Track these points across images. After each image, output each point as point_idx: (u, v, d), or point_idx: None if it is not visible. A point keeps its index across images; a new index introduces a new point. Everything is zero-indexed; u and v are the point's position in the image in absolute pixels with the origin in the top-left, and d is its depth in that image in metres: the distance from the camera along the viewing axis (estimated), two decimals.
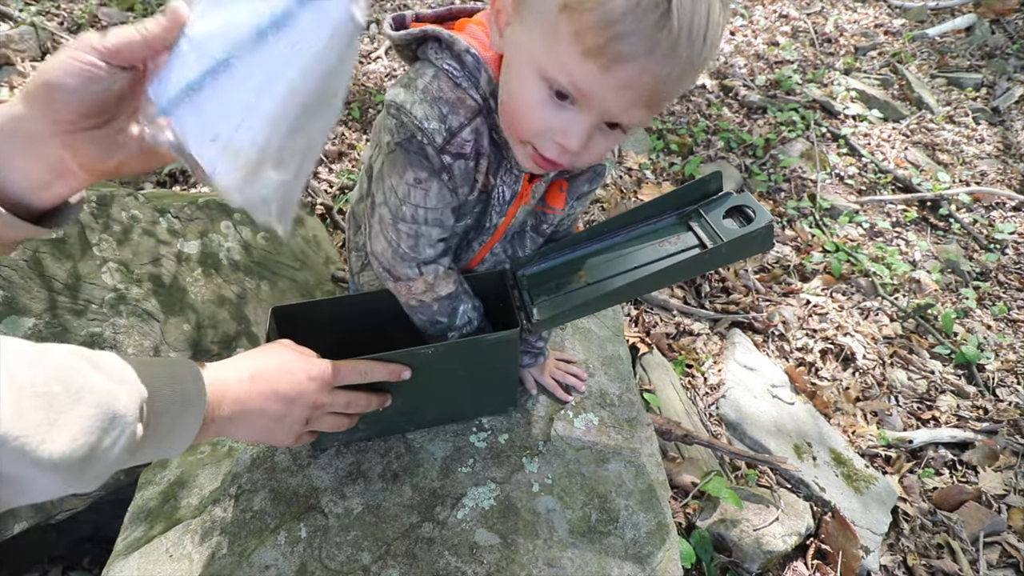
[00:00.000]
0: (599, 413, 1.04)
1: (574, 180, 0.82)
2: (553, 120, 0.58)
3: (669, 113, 3.07)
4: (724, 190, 0.83)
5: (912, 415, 1.89)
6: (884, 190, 2.76)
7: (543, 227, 0.88)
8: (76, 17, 2.93)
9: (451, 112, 0.64)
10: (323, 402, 0.73)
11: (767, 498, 1.42)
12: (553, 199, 0.82)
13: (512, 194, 0.76)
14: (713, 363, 1.90)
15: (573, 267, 0.88)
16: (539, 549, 0.85)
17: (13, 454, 0.35)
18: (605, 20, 0.48)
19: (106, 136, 0.50)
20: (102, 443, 0.41)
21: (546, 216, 0.86)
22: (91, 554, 1.25)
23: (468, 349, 0.83)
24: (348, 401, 0.77)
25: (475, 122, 0.65)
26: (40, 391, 0.38)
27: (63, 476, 0.39)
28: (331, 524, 0.86)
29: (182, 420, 0.53)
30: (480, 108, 0.66)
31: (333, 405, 0.75)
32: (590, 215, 2.45)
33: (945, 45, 3.79)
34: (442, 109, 0.63)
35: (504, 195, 0.75)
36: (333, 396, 0.74)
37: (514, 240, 0.92)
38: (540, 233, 0.90)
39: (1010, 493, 1.65)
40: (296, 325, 0.80)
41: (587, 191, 0.86)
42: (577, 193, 0.85)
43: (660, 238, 0.85)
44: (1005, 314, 2.25)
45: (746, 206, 0.79)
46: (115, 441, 0.43)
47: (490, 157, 0.69)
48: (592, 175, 0.82)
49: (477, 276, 0.90)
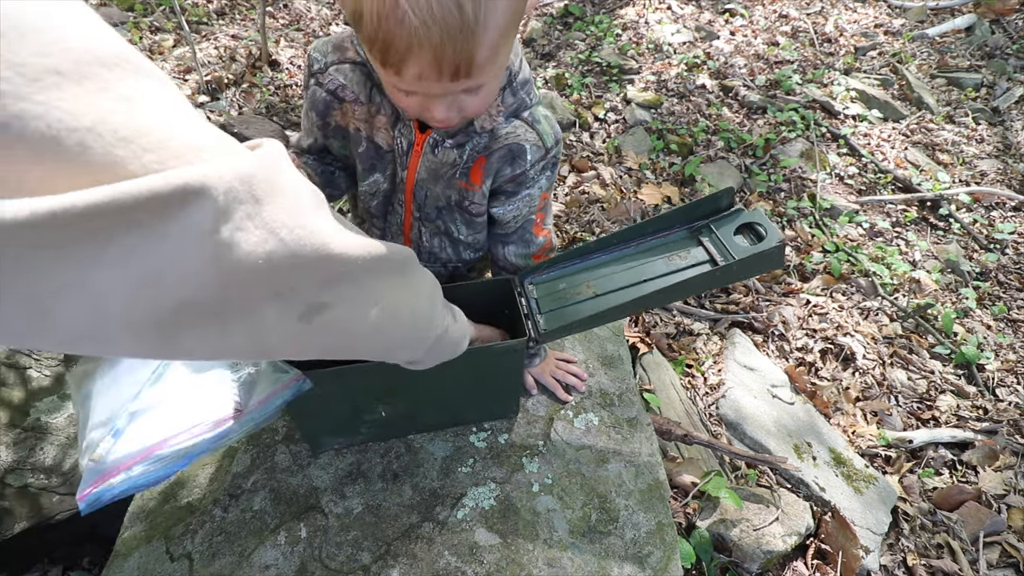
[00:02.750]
0: (599, 413, 1.04)
1: (490, 156, 0.83)
2: (413, 102, 0.66)
3: (669, 113, 3.07)
4: (736, 206, 0.83)
5: (912, 415, 1.89)
6: (884, 190, 2.76)
7: (466, 204, 0.89)
8: None
9: (332, 52, 0.80)
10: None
11: (767, 498, 1.42)
12: (474, 175, 0.85)
13: (408, 144, 0.83)
14: (713, 363, 1.90)
15: (581, 277, 0.87)
16: (539, 549, 0.85)
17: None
18: (372, 33, 0.55)
19: None
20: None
21: (468, 193, 0.87)
22: (91, 554, 1.25)
23: (473, 358, 0.82)
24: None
25: (344, 67, 0.80)
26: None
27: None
28: (331, 524, 0.86)
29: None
30: (358, 62, 0.80)
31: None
32: (590, 215, 2.45)
33: (945, 45, 3.79)
34: (326, 48, 0.81)
35: (403, 146, 0.83)
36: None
37: (443, 215, 0.92)
38: (466, 211, 0.90)
39: (1010, 493, 1.65)
40: None
41: (510, 174, 0.85)
42: (494, 172, 0.85)
43: (670, 252, 0.84)
44: (1005, 314, 2.24)
45: (757, 223, 0.78)
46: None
47: (382, 108, 0.81)
48: (509, 155, 0.83)
49: (483, 282, 0.90)
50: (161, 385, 0.65)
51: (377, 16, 0.53)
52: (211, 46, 2.98)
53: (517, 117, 0.82)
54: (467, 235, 0.95)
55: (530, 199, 0.89)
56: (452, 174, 0.85)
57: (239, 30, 3.18)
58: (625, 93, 3.19)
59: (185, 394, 0.64)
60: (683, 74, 3.35)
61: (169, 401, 0.63)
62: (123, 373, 0.66)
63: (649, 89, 3.23)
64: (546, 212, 0.95)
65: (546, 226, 0.96)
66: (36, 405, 1.14)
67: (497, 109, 0.80)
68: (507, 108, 0.81)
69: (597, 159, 2.79)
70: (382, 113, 0.81)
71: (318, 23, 3.45)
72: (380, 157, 0.86)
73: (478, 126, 0.80)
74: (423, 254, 0.98)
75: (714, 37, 3.71)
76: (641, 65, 3.45)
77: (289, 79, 2.90)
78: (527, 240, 0.95)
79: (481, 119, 0.80)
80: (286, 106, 2.74)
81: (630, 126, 2.98)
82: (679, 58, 3.48)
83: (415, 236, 0.96)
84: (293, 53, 3.09)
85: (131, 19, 3.06)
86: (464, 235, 0.95)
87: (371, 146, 0.84)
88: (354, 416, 0.88)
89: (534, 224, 0.94)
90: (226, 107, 2.67)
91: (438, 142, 0.82)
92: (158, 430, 0.60)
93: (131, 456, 0.58)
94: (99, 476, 0.57)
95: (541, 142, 0.83)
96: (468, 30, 0.54)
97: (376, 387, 0.83)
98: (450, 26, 0.53)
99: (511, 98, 0.80)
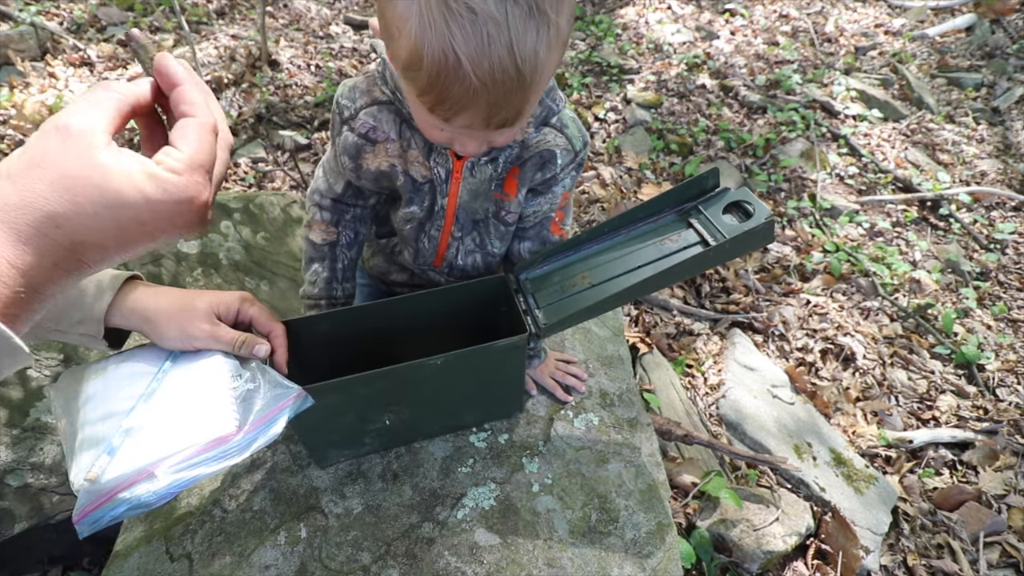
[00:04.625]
0: (599, 413, 1.04)
1: (523, 166, 0.84)
2: (444, 136, 0.68)
3: (669, 113, 3.07)
4: (721, 186, 0.83)
5: (912, 415, 1.89)
6: (884, 190, 2.76)
7: (503, 214, 0.89)
8: (76, 17, 2.93)
9: (360, 97, 0.80)
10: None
11: (767, 498, 1.42)
12: (508, 186, 0.86)
13: (447, 172, 0.83)
14: (713, 363, 1.90)
15: (576, 269, 0.87)
16: (539, 549, 0.85)
17: None
18: (427, 86, 0.56)
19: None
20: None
21: (504, 203, 0.88)
22: (91, 554, 1.25)
23: (476, 357, 0.82)
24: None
25: (372, 109, 0.80)
26: None
27: None
28: (331, 524, 0.86)
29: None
30: (385, 101, 0.80)
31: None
32: (590, 215, 2.45)
33: (945, 45, 3.79)
34: (354, 94, 0.81)
35: (441, 175, 0.83)
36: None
37: (479, 228, 0.92)
38: (502, 221, 0.90)
39: (1010, 493, 1.65)
40: (298, 340, 0.79)
41: (541, 179, 0.86)
42: (528, 180, 0.85)
43: (661, 236, 0.84)
44: (1005, 314, 2.24)
45: (744, 201, 0.79)
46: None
47: (413, 142, 0.81)
48: (540, 162, 0.83)
49: (479, 282, 0.89)
50: (155, 401, 0.62)
51: (437, 72, 0.54)
52: (211, 46, 2.98)
53: (546, 124, 0.83)
54: (499, 248, 0.95)
55: (553, 197, 0.90)
56: (489, 188, 0.86)
57: (239, 30, 3.18)
58: (625, 93, 3.19)
59: (182, 411, 0.62)
60: (683, 74, 3.35)
61: (165, 418, 0.61)
62: (113, 387, 0.64)
63: (649, 89, 3.23)
64: (566, 212, 0.95)
65: (564, 226, 0.96)
66: (36, 405, 1.14)
67: (527, 121, 0.80)
68: (536, 118, 0.81)
69: (597, 159, 2.79)
70: (414, 147, 0.81)
71: (318, 23, 3.45)
72: (417, 189, 0.86)
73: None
74: (455, 271, 0.98)
75: (714, 37, 3.71)
76: (641, 65, 3.45)
77: (289, 79, 2.90)
78: (543, 237, 0.95)
79: None
80: (286, 106, 2.74)
81: (630, 126, 2.98)
82: (679, 58, 3.48)
83: (450, 256, 0.95)
84: (293, 53, 3.09)
85: (131, 19, 3.06)
86: (497, 248, 0.95)
87: (408, 180, 0.84)
88: (359, 427, 0.88)
89: (552, 222, 0.94)
90: (226, 107, 2.67)
91: (475, 163, 0.82)
92: (156, 448, 0.58)
93: (129, 476, 0.55)
94: (97, 497, 0.54)
95: (570, 146, 0.84)
96: (523, 89, 0.57)
97: (379, 394, 0.83)
98: (507, 88, 0.55)
99: (538, 108, 0.80)
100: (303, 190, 2.38)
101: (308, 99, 2.81)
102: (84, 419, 0.60)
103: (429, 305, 0.89)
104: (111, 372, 0.65)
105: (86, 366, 0.67)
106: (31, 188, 0.38)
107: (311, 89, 2.88)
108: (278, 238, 1.68)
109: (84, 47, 2.75)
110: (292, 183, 2.43)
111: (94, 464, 0.56)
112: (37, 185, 0.38)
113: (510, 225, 0.91)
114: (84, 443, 0.58)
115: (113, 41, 2.86)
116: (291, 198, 1.90)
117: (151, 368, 0.66)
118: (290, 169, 2.47)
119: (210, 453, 0.59)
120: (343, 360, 0.81)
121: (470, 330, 0.90)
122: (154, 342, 0.68)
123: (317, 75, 3.00)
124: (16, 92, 2.44)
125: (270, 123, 2.65)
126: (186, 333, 0.67)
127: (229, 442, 0.60)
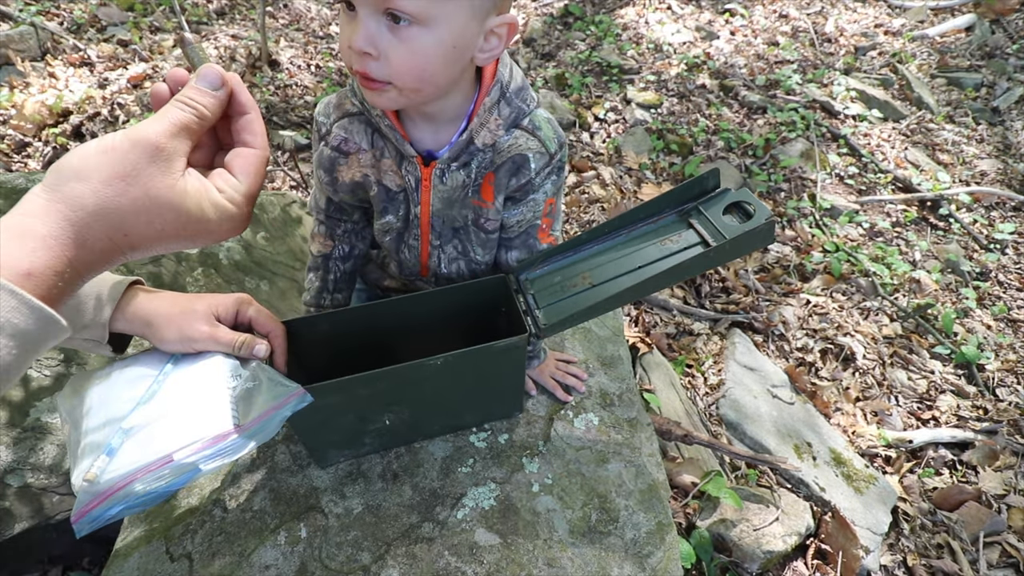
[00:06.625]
0: (599, 413, 1.04)
1: (497, 172, 0.83)
2: (345, 31, 0.67)
3: (669, 113, 3.07)
4: (721, 186, 0.83)
5: (912, 415, 1.89)
6: (884, 190, 2.76)
7: (482, 221, 0.89)
8: (76, 17, 2.93)
9: (333, 112, 0.83)
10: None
11: (767, 498, 1.42)
12: (485, 192, 0.86)
13: (416, 180, 0.83)
14: (713, 363, 1.90)
15: (576, 269, 0.87)
16: (539, 549, 0.85)
17: None
18: None
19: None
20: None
21: (482, 211, 0.87)
22: (91, 554, 1.25)
23: (476, 357, 0.82)
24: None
25: (343, 121, 0.82)
26: None
27: None
28: (331, 524, 0.86)
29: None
30: (355, 112, 0.82)
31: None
32: (590, 215, 2.45)
33: (945, 45, 3.79)
34: (328, 110, 0.84)
35: (412, 184, 0.84)
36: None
37: (460, 236, 0.92)
38: (482, 228, 0.90)
39: (1010, 493, 1.65)
40: (297, 340, 0.79)
41: (517, 185, 0.84)
42: (504, 187, 0.85)
43: (661, 237, 0.84)
44: (1005, 314, 2.24)
45: (745, 202, 0.79)
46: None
47: (386, 151, 0.83)
48: (513, 167, 0.83)
49: (479, 282, 0.89)
50: (155, 402, 0.63)
51: None
52: (211, 46, 2.98)
53: (517, 127, 0.82)
54: (483, 255, 0.94)
55: (535, 204, 0.88)
56: (465, 195, 0.85)
57: (239, 30, 3.18)
58: (625, 93, 3.19)
59: (181, 410, 0.62)
60: (683, 74, 3.35)
61: (164, 418, 0.61)
62: (115, 392, 0.64)
63: (649, 89, 3.23)
64: (553, 218, 0.94)
65: (553, 232, 0.95)
66: (36, 405, 1.14)
67: (496, 123, 0.79)
68: (505, 120, 0.80)
69: (597, 159, 2.79)
70: (387, 156, 0.83)
71: (318, 23, 3.45)
72: (391, 199, 0.87)
73: (480, 143, 0.79)
74: (440, 281, 0.98)
75: (714, 37, 3.71)
76: (641, 65, 3.45)
77: (289, 79, 2.90)
78: (530, 246, 0.94)
79: (481, 135, 0.79)
80: (286, 106, 2.74)
81: (630, 126, 2.98)
82: (679, 58, 3.48)
83: (433, 265, 0.95)
84: (293, 53, 3.09)
85: (131, 19, 3.06)
86: (480, 255, 0.94)
87: (382, 189, 0.85)
88: (359, 427, 0.88)
89: (539, 230, 0.93)
90: None
91: (444, 170, 0.81)
92: (155, 447, 0.58)
93: (128, 475, 0.56)
94: (95, 496, 0.55)
95: (544, 148, 0.82)
96: None
97: (379, 395, 0.83)
98: None
99: (507, 108, 0.79)
100: (303, 190, 2.38)
101: (308, 99, 2.81)
102: (87, 426, 0.61)
103: (429, 305, 0.89)
104: (114, 378, 0.66)
105: (90, 373, 0.68)
106: (113, 200, 0.42)
107: (311, 89, 2.88)
108: (278, 238, 1.68)
109: (84, 47, 2.75)
110: (292, 183, 2.43)
111: (93, 464, 0.56)
112: (120, 200, 0.42)
113: (491, 233, 0.90)
114: (86, 448, 0.59)
115: (113, 41, 2.86)
116: (291, 198, 1.90)
117: (152, 371, 0.66)
118: (290, 169, 2.47)
119: (209, 450, 0.59)
120: (343, 360, 0.81)
121: (470, 330, 0.90)
122: (155, 345, 0.69)
123: (317, 75, 3.00)
124: (16, 92, 2.44)
125: (270, 123, 2.65)
126: (186, 335, 0.67)
127: (228, 439, 0.60)
